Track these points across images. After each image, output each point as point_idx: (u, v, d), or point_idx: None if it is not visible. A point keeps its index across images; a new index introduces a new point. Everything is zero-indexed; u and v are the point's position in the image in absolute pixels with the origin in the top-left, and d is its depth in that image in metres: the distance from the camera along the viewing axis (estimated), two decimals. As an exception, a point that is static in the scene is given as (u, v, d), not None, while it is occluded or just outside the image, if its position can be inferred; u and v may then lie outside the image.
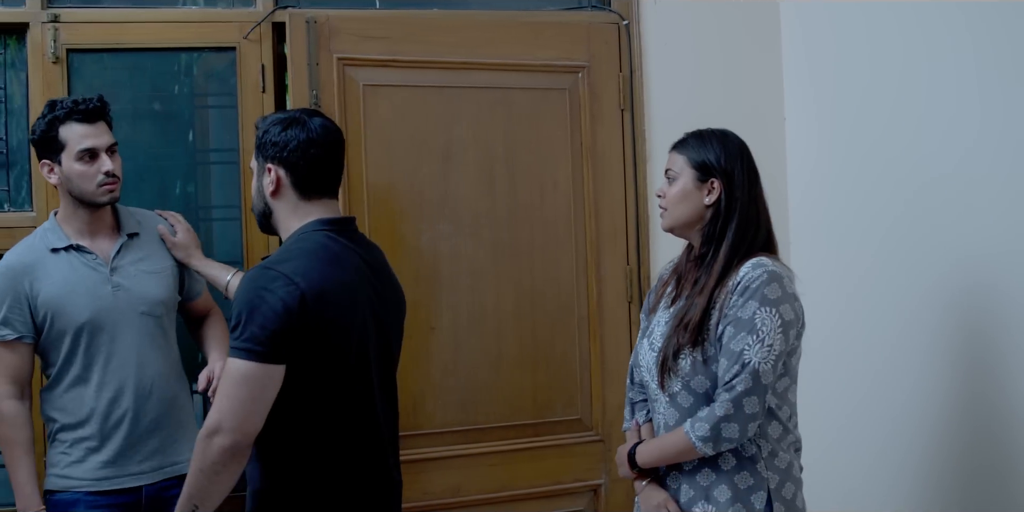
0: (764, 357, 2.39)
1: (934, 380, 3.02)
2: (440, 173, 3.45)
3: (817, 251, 3.52)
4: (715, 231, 2.54)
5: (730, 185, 2.54)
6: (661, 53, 3.67)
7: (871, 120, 3.30)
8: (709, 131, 2.62)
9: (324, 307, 2.36)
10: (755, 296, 2.42)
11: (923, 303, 3.06)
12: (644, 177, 3.65)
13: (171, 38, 3.38)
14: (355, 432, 2.49)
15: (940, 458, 3.02)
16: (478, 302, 3.49)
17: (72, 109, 2.85)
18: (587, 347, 3.61)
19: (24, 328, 2.86)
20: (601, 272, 3.62)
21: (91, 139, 2.86)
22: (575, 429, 3.61)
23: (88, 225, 2.93)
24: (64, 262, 2.88)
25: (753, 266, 2.46)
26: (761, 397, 2.41)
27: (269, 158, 2.51)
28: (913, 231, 3.11)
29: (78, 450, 2.89)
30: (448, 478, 3.44)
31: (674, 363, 2.50)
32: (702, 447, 2.44)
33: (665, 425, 2.57)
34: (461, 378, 3.47)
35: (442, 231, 3.46)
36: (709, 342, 2.48)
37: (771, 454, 2.48)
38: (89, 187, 2.87)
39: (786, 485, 2.49)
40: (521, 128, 3.54)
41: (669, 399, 2.54)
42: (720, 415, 2.41)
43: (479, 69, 3.49)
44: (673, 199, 2.59)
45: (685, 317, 2.51)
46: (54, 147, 2.86)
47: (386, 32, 3.40)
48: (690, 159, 2.58)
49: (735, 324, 2.43)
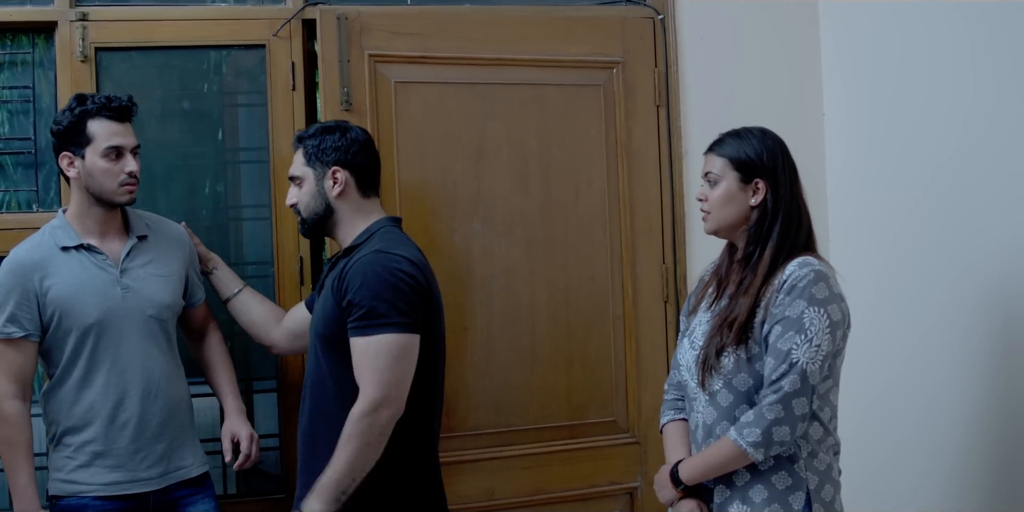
0: (812, 357, 2.37)
1: (971, 377, 3.00)
2: (473, 171, 3.43)
3: (857, 248, 3.48)
4: (761, 232, 2.52)
5: (774, 185, 2.52)
6: (697, 48, 3.63)
7: (911, 114, 3.27)
8: (746, 130, 2.59)
9: (432, 287, 2.76)
10: (803, 295, 2.40)
11: (962, 299, 3.04)
12: (680, 174, 3.62)
13: (200, 36, 3.35)
14: (436, 412, 2.84)
15: (975, 456, 2.99)
16: (512, 302, 3.46)
17: (105, 105, 2.84)
18: (622, 347, 3.57)
19: (31, 326, 2.83)
20: (636, 271, 3.59)
21: (120, 138, 2.85)
22: (610, 431, 3.57)
23: (100, 225, 2.91)
24: (75, 261, 2.86)
25: (799, 265, 2.45)
26: (809, 398, 2.39)
27: (332, 163, 2.81)
28: (953, 227, 3.08)
29: (83, 454, 2.85)
30: (481, 481, 3.41)
31: (716, 361, 2.48)
32: (754, 453, 2.40)
33: (703, 424, 2.55)
34: (494, 379, 3.44)
35: (475, 230, 3.43)
36: (754, 341, 2.46)
37: (811, 455, 2.46)
38: (111, 185, 2.84)
39: (825, 487, 2.47)
40: (555, 125, 3.51)
41: (709, 398, 2.53)
42: (771, 419, 2.38)
43: (512, 65, 3.46)
44: (717, 202, 2.56)
45: (730, 316, 2.49)
46: (80, 140, 2.84)
47: (418, 28, 3.38)
48: (731, 161, 2.55)
49: (783, 323, 2.41)
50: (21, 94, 3.32)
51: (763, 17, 3.67)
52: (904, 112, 3.30)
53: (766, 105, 3.51)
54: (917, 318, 3.22)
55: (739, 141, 2.56)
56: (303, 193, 2.86)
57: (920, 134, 3.22)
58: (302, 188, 2.86)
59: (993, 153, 2.92)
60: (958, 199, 3.06)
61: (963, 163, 3.04)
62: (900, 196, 3.31)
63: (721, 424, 2.50)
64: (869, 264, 3.41)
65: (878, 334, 3.32)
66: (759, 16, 3.67)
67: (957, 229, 3.06)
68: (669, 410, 2.75)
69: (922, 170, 3.21)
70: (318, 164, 2.82)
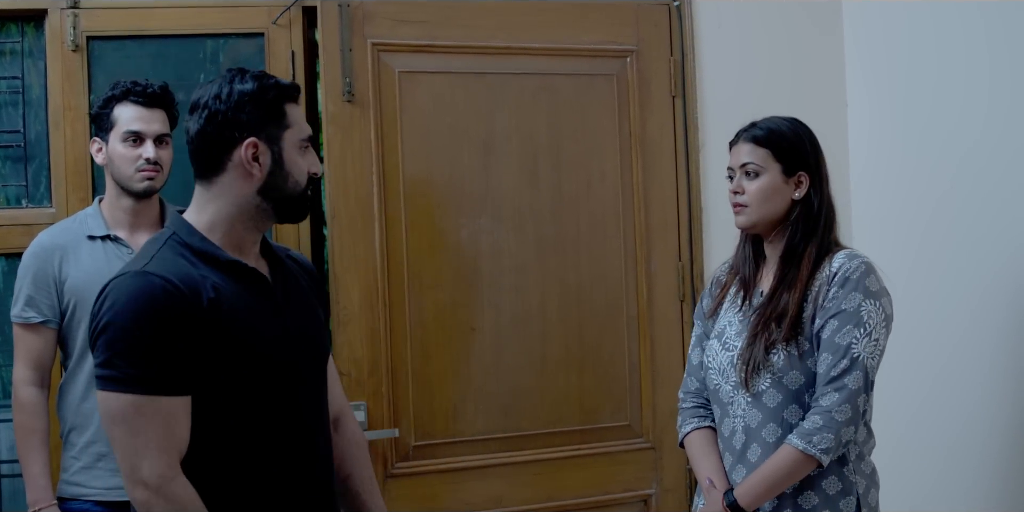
0: (871, 352, 2.33)
1: (1005, 375, 2.96)
2: (480, 164, 3.37)
3: (883, 244, 3.38)
4: (808, 227, 2.45)
5: (817, 178, 2.47)
6: (714, 36, 3.58)
7: (938, 104, 3.22)
8: (780, 119, 2.51)
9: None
10: (858, 288, 2.35)
11: (991, 295, 3.00)
12: (697, 167, 3.57)
13: (196, 24, 3.30)
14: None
15: (1014, 458, 2.94)
16: (521, 301, 3.41)
17: (130, 89, 2.82)
18: (636, 348, 3.51)
19: (50, 312, 2.79)
20: (651, 268, 3.53)
21: (140, 123, 2.81)
22: (624, 436, 3.51)
23: (130, 216, 2.86)
24: (99, 251, 2.81)
25: (848, 257, 2.40)
26: (869, 395, 2.35)
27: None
28: (984, 221, 3.04)
29: (88, 455, 2.79)
30: (489, 488, 3.34)
31: (766, 358, 2.39)
32: (826, 459, 2.32)
33: (745, 427, 2.44)
34: (503, 382, 3.38)
35: (483, 226, 3.37)
36: (804, 336, 2.39)
37: (859, 457, 2.41)
38: (127, 171, 2.80)
39: (871, 491, 2.42)
40: (566, 116, 3.46)
41: (752, 399, 2.43)
42: (842, 420, 2.31)
43: (521, 54, 3.42)
44: (759, 195, 2.45)
45: (776, 310, 2.41)
46: (105, 125, 2.82)
47: (423, 16, 3.32)
48: (775, 152, 2.45)
49: (839, 317, 2.34)
50: (9, 85, 3.27)
51: (783, 3, 3.61)
52: (931, 101, 3.25)
53: (786, 95, 3.45)
54: (949, 318, 3.16)
55: (777, 130, 2.47)
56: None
57: (947, 125, 3.17)
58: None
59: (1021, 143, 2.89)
60: (988, 192, 3.01)
61: (992, 154, 3.00)
62: (927, 189, 3.26)
63: (767, 426, 2.40)
64: (896, 260, 3.30)
65: (909, 331, 3.15)
66: (779, 2, 3.61)
67: (988, 224, 3.02)
68: (691, 418, 2.62)
69: (950, 162, 3.16)
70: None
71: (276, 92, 2.05)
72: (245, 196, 2.04)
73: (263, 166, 2.04)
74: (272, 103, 2.04)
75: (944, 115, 3.19)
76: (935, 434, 3.24)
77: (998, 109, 2.96)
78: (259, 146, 2.03)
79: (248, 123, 2.02)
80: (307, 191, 2.10)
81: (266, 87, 2.04)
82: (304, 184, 2.09)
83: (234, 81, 2.04)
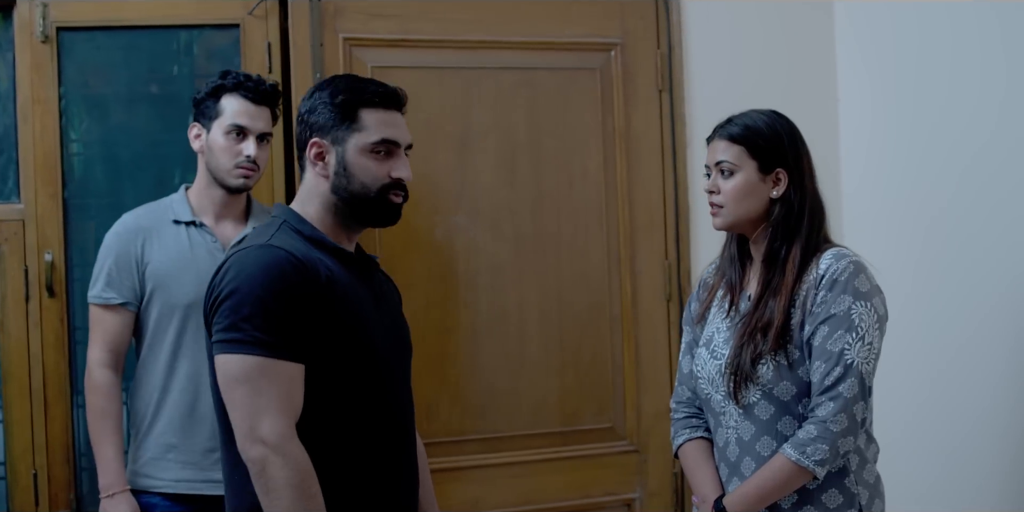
0: (865, 356, 2.24)
1: (1006, 375, 2.95)
2: (457, 161, 3.35)
3: (874, 241, 3.31)
4: (788, 227, 2.35)
5: (798, 174, 2.36)
6: (702, 28, 3.53)
7: (935, 100, 3.20)
8: (757, 113, 2.40)
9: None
10: (847, 290, 2.26)
11: (987, 293, 3.00)
12: (684, 163, 3.52)
13: (169, 15, 3.24)
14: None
15: (1016, 459, 2.94)
16: (498, 301, 3.38)
17: (242, 82, 2.83)
18: (620, 349, 3.48)
19: (131, 294, 2.79)
20: (636, 267, 3.49)
21: (247, 118, 2.81)
22: (607, 438, 3.48)
23: (217, 206, 2.87)
24: (183, 236, 2.82)
25: (835, 257, 2.31)
26: (867, 402, 2.27)
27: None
28: (977, 219, 3.04)
29: (158, 446, 2.78)
30: (465, 491, 3.32)
31: (752, 370, 2.30)
32: (821, 472, 2.25)
33: (737, 440, 2.36)
34: (480, 382, 3.35)
35: (459, 224, 3.35)
36: (793, 345, 2.30)
37: (860, 466, 2.33)
38: (225, 164, 2.81)
39: (875, 502, 2.35)
40: (547, 112, 3.42)
41: (743, 412, 2.34)
42: (838, 431, 2.22)
43: (500, 48, 3.38)
44: (735, 195, 2.36)
45: (762, 320, 2.32)
46: (210, 113, 2.83)
47: (397, 9, 3.29)
48: (749, 148, 2.35)
49: (830, 322, 2.26)
50: (-23, 77, 3.24)
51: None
52: (924, 96, 3.23)
53: (777, 89, 3.43)
54: (944, 311, 3.15)
55: (753, 126, 2.37)
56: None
57: (940, 119, 3.16)
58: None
59: (1018, 140, 2.89)
60: (982, 187, 3.01)
61: (984, 148, 2.99)
62: (920, 184, 3.25)
63: (762, 440, 2.32)
64: (889, 257, 3.24)
65: (905, 330, 3.15)
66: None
67: (983, 219, 3.00)
68: (683, 429, 2.54)
69: (943, 157, 3.15)
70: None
71: (347, 96, 2.18)
72: (324, 193, 2.19)
73: (328, 166, 2.18)
74: (341, 106, 2.17)
75: (937, 110, 3.17)
76: (934, 436, 3.22)
77: (990, 103, 2.95)
78: (323, 146, 2.18)
79: (315, 124, 2.19)
80: (386, 195, 2.21)
81: (338, 90, 2.18)
82: (375, 188, 2.19)
83: (323, 84, 2.22)
